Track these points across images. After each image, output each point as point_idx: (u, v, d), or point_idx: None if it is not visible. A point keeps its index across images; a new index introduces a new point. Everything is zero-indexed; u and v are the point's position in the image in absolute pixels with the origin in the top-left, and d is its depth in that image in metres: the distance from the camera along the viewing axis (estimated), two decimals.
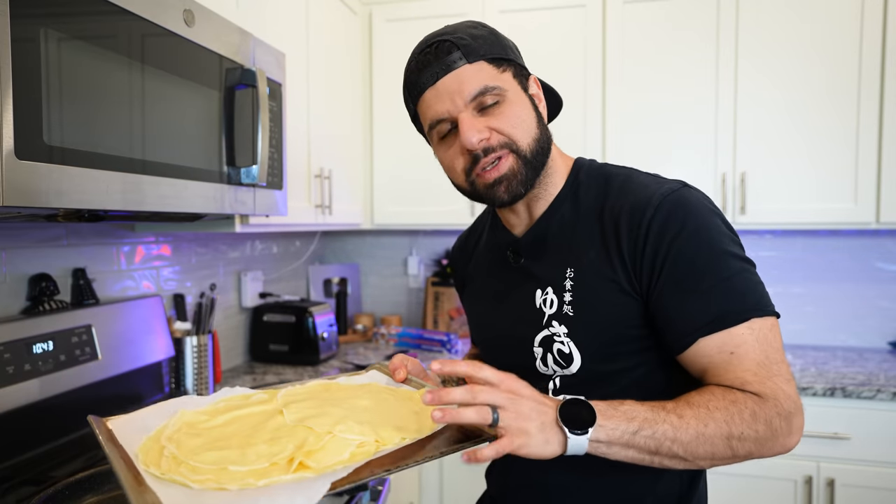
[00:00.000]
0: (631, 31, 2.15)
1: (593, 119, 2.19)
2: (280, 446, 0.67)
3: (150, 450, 0.68)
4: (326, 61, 2.04)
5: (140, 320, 1.55)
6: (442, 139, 0.84)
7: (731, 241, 0.79)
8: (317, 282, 2.65)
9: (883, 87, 1.96)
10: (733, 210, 2.10)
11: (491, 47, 0.81)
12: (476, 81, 0.79)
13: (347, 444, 0.68)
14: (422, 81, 0.81)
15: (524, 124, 0.81)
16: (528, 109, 0.83)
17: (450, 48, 0.79)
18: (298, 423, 0.73)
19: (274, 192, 1.45)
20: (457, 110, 0.79)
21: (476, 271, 1.02)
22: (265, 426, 0.73)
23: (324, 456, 0.66)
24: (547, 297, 0.86)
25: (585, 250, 0.84)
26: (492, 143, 0.80)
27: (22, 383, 1.19)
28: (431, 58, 0.80)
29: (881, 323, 2.31)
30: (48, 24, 0.85)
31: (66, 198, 0.88)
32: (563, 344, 0.83)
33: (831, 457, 1.80)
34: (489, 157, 0.80)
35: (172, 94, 1.11)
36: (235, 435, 0.71)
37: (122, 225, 1.61)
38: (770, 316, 0.76)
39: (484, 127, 0.79)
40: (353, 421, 0.72)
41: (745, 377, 0.74)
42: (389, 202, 2.39)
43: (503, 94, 0.80)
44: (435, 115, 0.81)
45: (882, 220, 1.99)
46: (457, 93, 0.79)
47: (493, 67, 0.80)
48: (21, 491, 1.10)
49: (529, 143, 0.81)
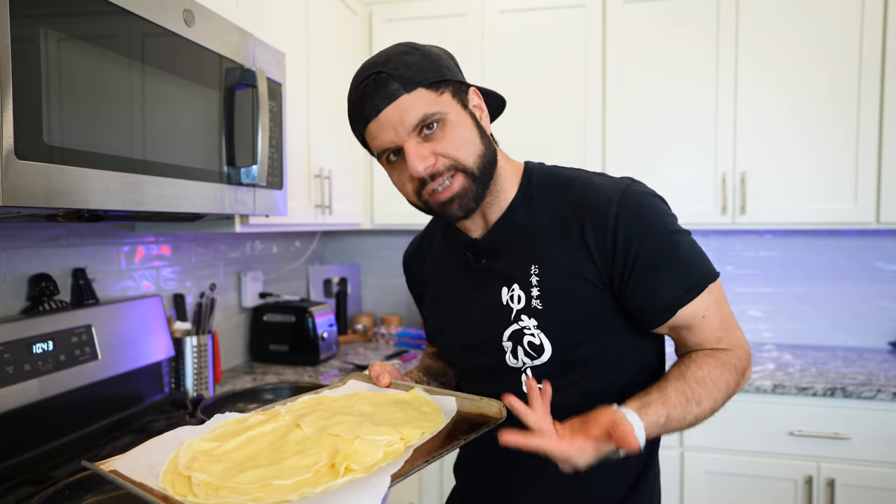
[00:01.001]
0: (631, 31, 2.15)
1: (593, 119, 2.19)
2: (314, 457, 0.69)
3: (176, 481, 0.67)
4: (326, 61, 2.04)
5: (140, 320, 1.55)
6: (390, 162, 0.88)
7: (675, 219, 0.89)
8: (317, 282, 2.65)
9: (883, 87, 1.96)
10: (733, 210, 2.10)
11: (426, 73, 0.83)
12: (416, 110, 0.82)
13: (377, 445, 0.71)
14: (364, 114, 0.85)
15: (468, 143, 0.85)
16: (470, 127, 0.86)
17: (386, 80, 0.82)
18: (321, 433, 0.75)
19: (274, 192, 1.45)
20: (400, 140, 0.83)
21: (434, 273, 1.05)
22: (286, 442, 0.75)
23: (361, 459, 0.69)
24: (513, 293, 0.90)
25: (548, 247, 0.89)
26: (437, 167, 0.83)
27: (22, 383, 1.19)
28: (370, 91, 0.83)
29: (881, 323, 2.31)
30: (48, 24, 0.85)
31: (66, 198, 0.88)
32: (533, 336, 0.88)
33: (831, 457, 1.80)
34: (437, 180, 0.84)
35: (172, 94, 1.11)
36: (258, 455, 0.72)
37: (122, 225, 1.61)
38: (716, 276, 0.88)
39: (429, 153, 0.83)
40: (370, 424, 0.76)
41: (717, 335, 0.87)
42: (389, 202, 2.39)
43: (444, 118, 0.83)
44: (381, 144, 0.85)
45: (882, 220, 1.99)
46: (399, 123, 0.82)
47: (431, 92, 0.83)
48: (21, 491, 1.10)
49: (475, 161, 0.85)
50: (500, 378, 0.91)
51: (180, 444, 0.75)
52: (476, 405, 0.85)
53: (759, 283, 2.42)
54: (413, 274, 1.12)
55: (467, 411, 0.85)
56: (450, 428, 0.80)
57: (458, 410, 0.85)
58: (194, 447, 0.75)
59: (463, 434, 0.77)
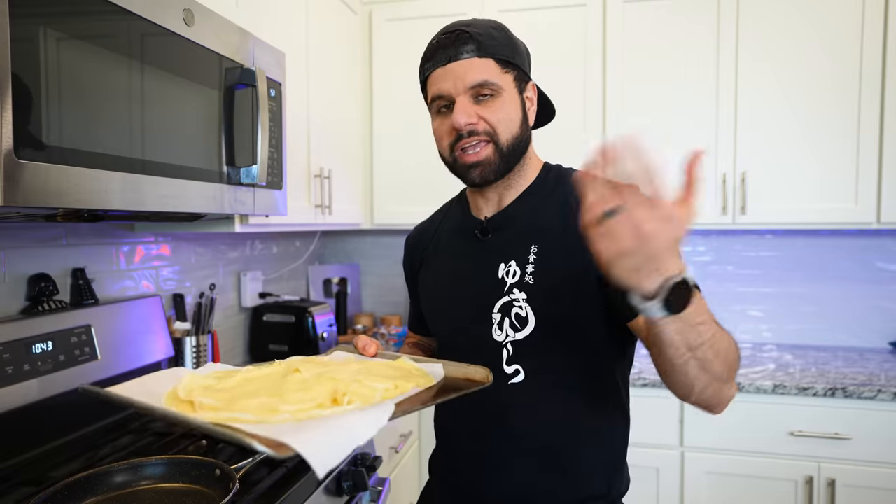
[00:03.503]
0: (631, 30, 2.15)
1: (593, 119, 2.19)
2: (315, 392, 0.70)
3: (178, 406, 0.68)
4: (326, 61, 2.04)
5: (139, 320, 1.55)
6: (439, 112, 0.95)
7: None
8: (317, 282, 2.64)
9: (884, 86, 1.96)
10: (734, 210, 2.10)
11: (502, 49, 0.92)
12: (479, 73, 0.90)
13: (374, 390, 0.73)
14: (436, 59, 0.93)
15: (509, 121, 0.93)
16: (517, 110, 0.94)
17: (466, 39, 0.91)
18: (320, 376, 0.76)
19: (274, 192, 1.45)
20: (456, 92, 0.91)
21: (436, 249, 1.11)
22: (286, 381, 0.76)
23: (362, 396, 0.70)
24: (510, 269, 0.96)
25: (551, 231, 0.94)
26: (477, 128, 0.91)
27: (21, 383, 1.18)
28: (450, 42, 0.91)
29: (882, 323, 2.31)
30: (47, 23, 0.84)
31: (66, 198, 0.87)
32: (521, 308, 0.93)
33: (832, 457, 1.80)
34: (471, 139, 0.91)
35: (172, 94, 1.10)
36: (260, 390, 0.73)
37: (122, 225, 1.61)
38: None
39: (474, 113, 0.91)
40: (366, 375, 0.78)
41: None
42: (389, 202, 2.39)
43: (499, 91, 0.91)
44: (438, 91, 0.93)
45: (883, 220, 1.99)
46: (460, 78, 0.90)
47: (498, 67, 0.92)
48: (21, 491, 1.10)
49: (508, 139, 0.93)
50: (481, 352, 0.95)
51: (178, 379, 0.77)
52: (463, 371, 0.88)
53: (760, 282, 2.42)
54: (415, 250, 1.17)
55: (454, 376, 0.88)
56: (440, 386, 0.83)
57: (445, 375, 0.88)
58: (195, 381, 0.76)
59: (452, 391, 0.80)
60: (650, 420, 1.92)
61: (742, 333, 2.44)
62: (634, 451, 1.94)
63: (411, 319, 1.25)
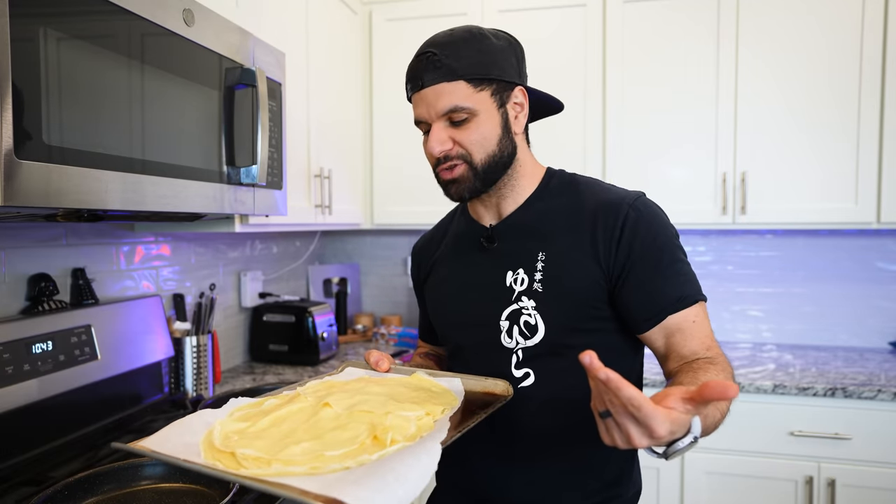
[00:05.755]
0: (631, 31, 2.15)
1: (593, 119, 2.19)
2: (353, 431, 0.70)
3: (220, 458, 0.66)
4: (326, 61, 2.04)
5: (139, 320, 1.55)
6: (424, 133, 0.97)
7: (679, 238, 0.95)
8: (317, 282, 2.64)
9: (884, 86, 1.96)
10: (734, 209, 2.10)
11: (474, 67, 0.90)
12: (449, 100, 0.90)
13: (408, 420, 0.73)
14: (412, 83, 0.94)
15: (484, 141, 0.92)
16: (495, 127, 0.93)
17: (436, 64, 0.90)
18: (352, 410, 0.76)
19: (273, 192, 1.45)
20: (430, 119, 0.93)
21: (443, 258, 1.11)
22: (319, 419, 0.75)
23: (401, 431, 0.71)
24: (518, 276, 0.96)
25: (558, 238, 0.95)
26: (451, 153, 0.93)
27: (21, 383, 1.18)
28: (420, 66, 0.92)
29: (882, 323, 2.31)
30: (47, 23, 0.84)
31: (66, 198, 0.87)
32: (529, 316, 0.93)
33: (832, 457, 1.80)
34: (446, 163, 0.93)
35: (172, 94, 1.10)
36: (296, 431, 0.72)
37: (122, 225, 1.61)
38: (705, 299, 0.92)
39: (447, 138, 0.92)
40: (394, 402, 0.78)
41: (707, 342, 0.89)
42: (389, 202, 2.38)
43: (473, 113, 0.91)
44: (417, 115, 0.95)
45: (883, 220, 1.99)
46: (432, 105, 0.91)
47: (471, 87, 0.90)
48: (21, 491, 1.10)
49: (483, 159, 0.93)
50: (491, 358, 0.95)
51: (208, 425, 0.75)
52: (482, 385, 0.88)
53: (760, 282, 2.42)
54: (423, 259, 1.16)
55: (474, 391, 0.88)
56: (464, 405, 0.83)
57: (466, 390, 0.89)
58: (226, 427, 0.74)
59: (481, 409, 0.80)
60: None
61: (742, 333, 2.44)
62: None
63: (421, 328, 1.24)
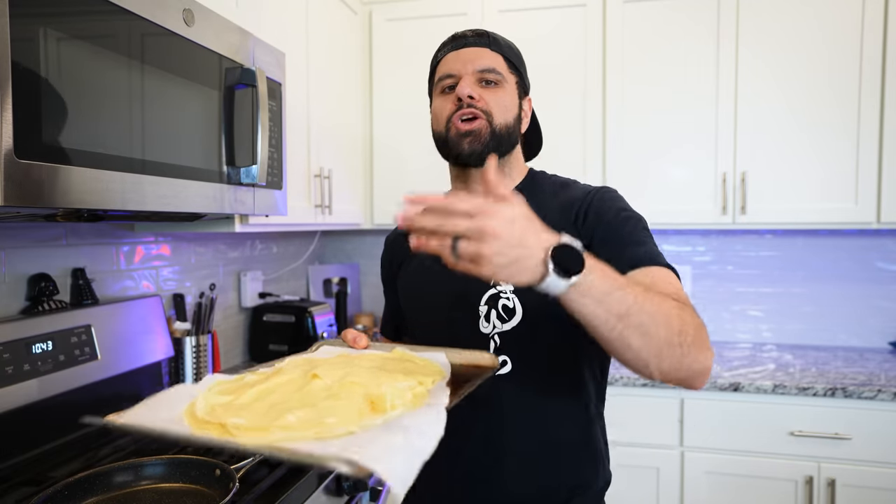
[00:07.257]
0: (631, 31, 2.15)
1: (593, 118, 2.19)
2: (347, 399, 0.67)
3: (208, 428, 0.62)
4: (326, 61, 2.04)
5: (139, 320, 1.55)
6: (442, 92, 1.00)
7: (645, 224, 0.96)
8: (316, 282, 2.64)
9: (884, 86, 1.96)
10: (734, 209, 2.10)
11: (514, 56, 1.02)
12: (489, 61, 0.98)
13: (402, 390, 0.71)
14: (451, 44, 1.01)
15: (506, 111, 0.98)
16: (515, 106, 1.00)
17: (483, 34, 1.00)
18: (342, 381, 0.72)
19: (274, 192, 1.45)
20: (464, 72, 0.97)
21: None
22: (310, 390, 0.71)
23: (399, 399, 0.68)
24: None
25: None
26: (477, 103, 0.96)
27: (21, 383, 1.18)
28: (468, 33, 1.01)
29: (882, 323, 2.31)
30: (47, 23, 0.84)
31: (66, 198, 0.87)
32: (508, 299, 0.95)
33: (832, 457, 1.80)
34: (469, 109, 0.96)
35: (172, 94, 1.10)
36: (287, 401, 0.67)
37: (122, 225, 1.61)
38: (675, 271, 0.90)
39: (478, 90, 0.97)
40: (384, 373, 0.75)
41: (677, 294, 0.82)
42: (389, 202, 2.38)
43: (503, 82, 0.98)
44: (446, 70, 0.99)
45: (883, 220, 1.99)
46: (470, 61, 0.98)
47: (506, 64, 1.00)
48: (21, 491, 1.10)
49: (502, 123, 0.97)
50: (468, 345, 0.93)
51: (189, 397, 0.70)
52: (467, 357, 0.86)
53: (760, 282, 2.42)
54: (397, 247, 1.15)
55: (459, 363, 0.86)
56: (453, 376, 0.81)
57: (451, 363, 0.86)
58: (209, 400, 0.69)
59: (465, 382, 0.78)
60: (650, 420, 1.92)
61: (742, 333, 2.44)
62: (634, 451, 1.96)
63: (384, 322, 1.24)
